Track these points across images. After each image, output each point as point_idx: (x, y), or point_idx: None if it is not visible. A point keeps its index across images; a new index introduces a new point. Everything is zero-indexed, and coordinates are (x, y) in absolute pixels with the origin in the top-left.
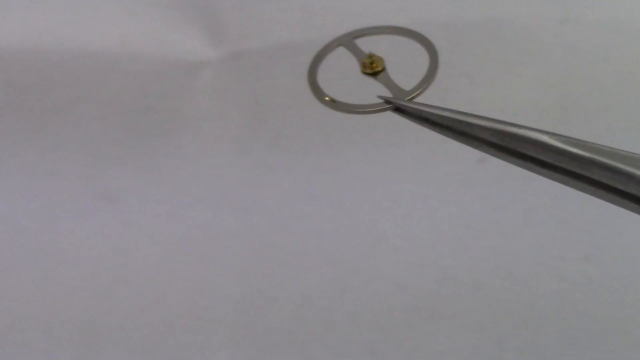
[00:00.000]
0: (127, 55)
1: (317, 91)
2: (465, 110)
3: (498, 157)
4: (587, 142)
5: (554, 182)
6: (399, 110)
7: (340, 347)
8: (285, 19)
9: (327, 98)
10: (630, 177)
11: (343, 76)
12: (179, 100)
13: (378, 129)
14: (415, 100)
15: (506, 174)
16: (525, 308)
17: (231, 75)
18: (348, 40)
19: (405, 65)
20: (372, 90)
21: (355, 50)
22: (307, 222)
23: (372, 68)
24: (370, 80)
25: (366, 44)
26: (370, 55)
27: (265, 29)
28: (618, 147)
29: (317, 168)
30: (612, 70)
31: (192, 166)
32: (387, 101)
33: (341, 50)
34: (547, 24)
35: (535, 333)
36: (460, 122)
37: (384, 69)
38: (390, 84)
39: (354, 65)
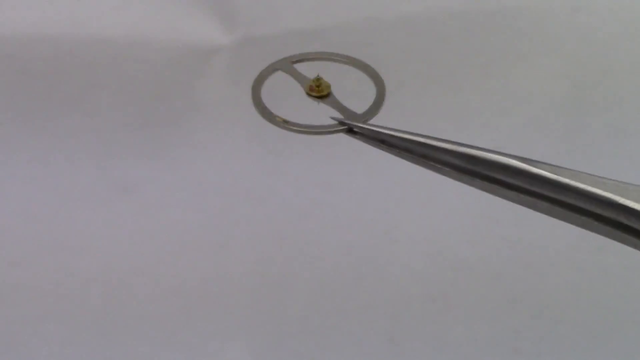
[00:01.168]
0: (140, 42)
1: (266, 113)
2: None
3: (460, 181)
4: (554, 165)
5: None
6: (352, 132)
7: (356, 335)
8: (299, 5)
9: (278, 118)
10: (592, 197)
11: (289, 98)
12: (193, 86)
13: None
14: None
15: None
16: (541, 298)
17: (244, 60)
18: (286, 65)
19: (351, 92)
20: (322, 113)
21: (296, 75)
22: (322, 210)
23: (319, 91)
24: (317, 104)
25: (305, 70)
26: (318, 79)
27: (279, 15)
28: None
29: (331, 155)
30: (624, 59)
31: (206, 154)
32: (342, 122)
33: (281, 75)
34: (559, 12)
35: (551, 323)
36: (422, 144)
37: (329, 94)
38: (340, 107)
39: (297, 88)
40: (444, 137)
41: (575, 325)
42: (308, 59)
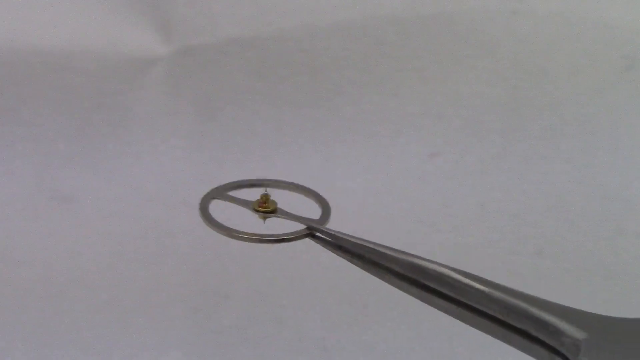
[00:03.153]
0: (78, 52)
1: (223, 229)
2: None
3: (401, 289)
4: (486, 279)
5: (501, 183)
6: (314, 237)
7: (292, 343)
8: (236, 14)
9: (240, 234)
10: (523, 314)
11: (238, 217)
12: (131, 97)
13: None
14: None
15: (458, 168)
16: None
17: (182, 70)
18: (221, 193)
19: (295, 207)
20: (274, 225)
21: (236, 200)
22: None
23: (266, 207)
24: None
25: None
26: (265, 194)
27: (216, 24)
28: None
29: (267, 162)
30: (562, 62)
31: (144, 163)
32: (309, 227)
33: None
34: (498, 15)
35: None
36: (373, 250)
37: (277, 209)
38: (293, 217)
39: (241, 209)
40: (381, 144)
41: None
42: (243, 187)
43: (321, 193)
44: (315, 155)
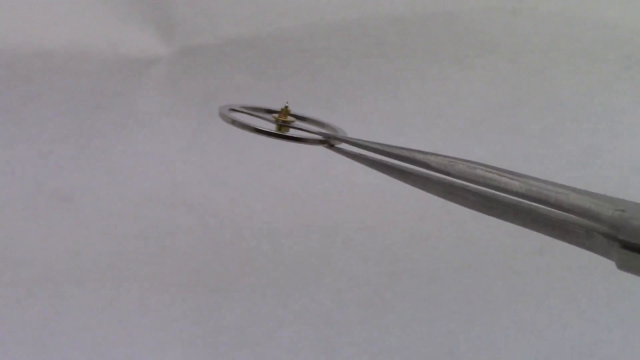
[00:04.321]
0: (78, 53)
1: (244, 125)
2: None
3: (425, 190)
4: (518, 172)
5: None
6: (332, 146)
7: (292, 344)
8: (236, 14)
9: (259, 128)
10: (560, 198)
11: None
12: (131, 97)
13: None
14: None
15: None
16: (480, 300)
17: (183, 71)
18: (237, 108)
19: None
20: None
21: (253, 112)
22: (260, 218)
23: (284, 118)
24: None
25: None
26: (286, 107)
27: (216, 24)
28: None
29: (270, 163)
30: (562, 61)
31: (145, 164)
32: (327, 136)
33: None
34: (498, 15)
35: (490, 325)
36: (398, 154)
37: (294, 122)
38: (311, 129)
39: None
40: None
41: (514, 327)
42: (259, 110)
43: (321, 192)
44: (316, 155)
